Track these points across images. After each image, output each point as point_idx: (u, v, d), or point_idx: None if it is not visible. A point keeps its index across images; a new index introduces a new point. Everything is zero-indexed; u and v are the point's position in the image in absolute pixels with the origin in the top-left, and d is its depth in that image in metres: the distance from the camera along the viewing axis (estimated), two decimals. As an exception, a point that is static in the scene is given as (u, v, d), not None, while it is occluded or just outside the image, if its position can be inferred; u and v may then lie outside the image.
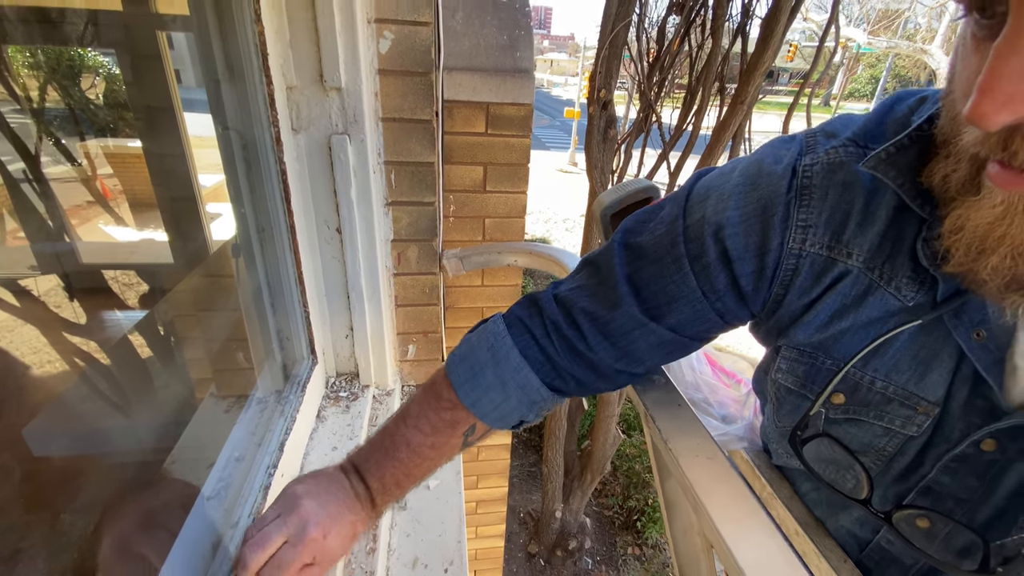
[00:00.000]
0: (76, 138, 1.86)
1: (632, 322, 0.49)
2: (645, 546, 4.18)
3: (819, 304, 0.44)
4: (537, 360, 0.53)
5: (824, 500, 0.56)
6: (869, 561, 0.52)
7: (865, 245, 0.41)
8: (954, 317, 0.39)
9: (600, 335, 0.50)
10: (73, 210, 1.69)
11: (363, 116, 0.83)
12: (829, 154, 0.42)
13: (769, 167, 0.45)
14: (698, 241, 0.46)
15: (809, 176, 0.42)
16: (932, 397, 0.41)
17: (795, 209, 0.43)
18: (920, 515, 0.44)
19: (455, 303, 1.58)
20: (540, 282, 7.36)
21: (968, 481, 0.42)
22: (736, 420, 0.61)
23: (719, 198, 0.46)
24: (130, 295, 1.54)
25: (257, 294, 0.89)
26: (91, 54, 1.80)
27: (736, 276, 0.45)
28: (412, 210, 0.97)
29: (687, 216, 0.48)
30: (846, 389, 0.45)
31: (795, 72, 31.25)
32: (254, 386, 0.92)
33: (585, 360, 0.52)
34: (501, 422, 0.55)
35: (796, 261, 0.43)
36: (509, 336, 0.53)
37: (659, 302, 0.48)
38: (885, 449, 0.45)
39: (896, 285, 0.40)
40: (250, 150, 0.79)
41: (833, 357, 0.44)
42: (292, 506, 0.52)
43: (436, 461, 0.57)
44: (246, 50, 0.72)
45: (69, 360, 1.11)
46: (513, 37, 1.27)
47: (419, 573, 0.81)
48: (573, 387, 0.54)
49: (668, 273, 0.48)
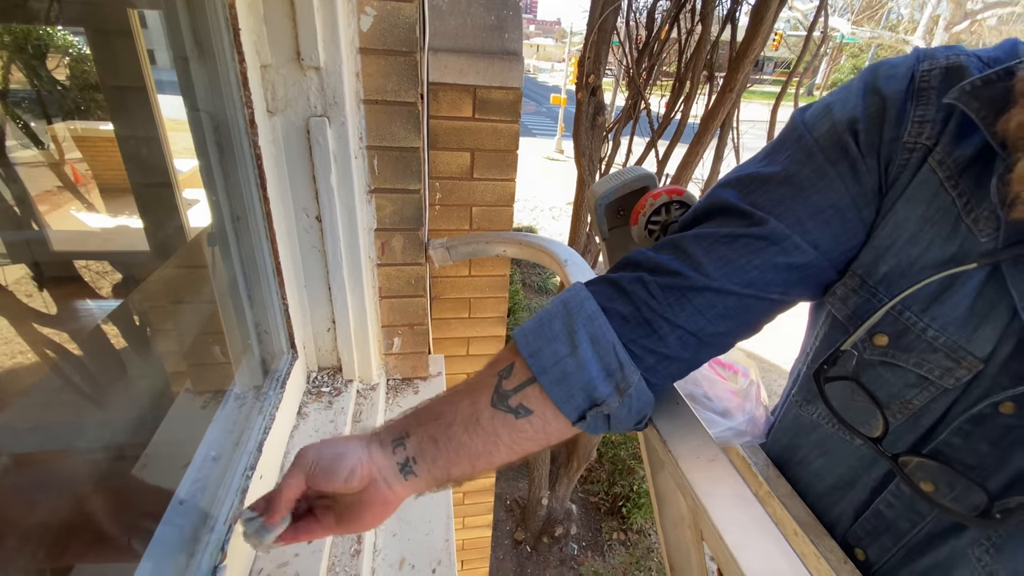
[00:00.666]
0: (43, 120, 1.78)
1: (772, 235, 0.42)
2: (630, 531, 4.24)
3: (900, 208, 0.42)
4: (619, 314, 0.44)
5: (828, 468, 0.55)
6: (861, 531, 0.51)
7: (955, 155, 0.40)
8: (1013, 266, 0.38)
9: (720, 260, 0.43)
10: (42, 196, 1.62)
11: (343, 97, 0.79)
12: (949, 59, 0.41)
13: (887, 71, 0.43)
14: (837, 144, 0.43)
15: (927, 79, 0.41)
16: (979, 353, 0.40)
17: (912, 107, 0.41)
18: (925, 476, 0.43)
19: (441, 294, 1.54)
20: (527, 271, 7.35)
21: (979, 446, 0.41)
22: (735, 414, 0.59)
23: (843, 102, 0.44)
24: (103, 284, 1.49)
25: (233, 285, 0.85)
26: (59, 32, 1.71)
27: (869, 172, 0.43)
28: (396, 198, 0.93)
29: (814, 131, 0.45)
30: (893, 332, 0.43)
31: (780, 61, 31.44)
32: (231, 381, 0.88)
33: (693, 299, 0.43)
34: (562, 387, 0.43)
35: (909, 156, 0.42)
36: (586, 288, 0.46)
37: (800, 216, 0.43)
38: (912, 401, 0.44)
39: (975, 217, 0.39)
40: (222, 133, 0.74)
41: (892, 295, 0.43)
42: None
43: (456, 405, 0.47)
44: (216, 25, 0.68)
45: (39, 352, 1.06)
46: (501, 17, 1.23)
47: (406, 574, 0.79)
48: (664, 347, 0.44)
49: (811, 183, 0.43)
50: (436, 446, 0.46)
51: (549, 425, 0.45)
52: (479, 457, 0.46)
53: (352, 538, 0.76)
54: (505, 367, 0.46)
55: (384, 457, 0.47)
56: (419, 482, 0.47)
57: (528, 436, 0.46)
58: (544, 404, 0.44)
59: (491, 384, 0.46)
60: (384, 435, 0.48)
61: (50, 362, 1.05)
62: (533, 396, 0.45)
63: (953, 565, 0.44)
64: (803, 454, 0.58)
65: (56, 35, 1.70)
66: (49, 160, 1.73)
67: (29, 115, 1.66)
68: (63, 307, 1.28)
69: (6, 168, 1.40)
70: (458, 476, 0.47)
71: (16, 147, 1.56)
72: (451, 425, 0.46)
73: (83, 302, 1.44)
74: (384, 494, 0.47)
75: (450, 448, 0.46)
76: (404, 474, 0.47)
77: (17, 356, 1.00)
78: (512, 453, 0.47)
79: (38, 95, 1.74)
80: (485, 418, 0.45)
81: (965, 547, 0.43)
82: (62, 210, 1.75)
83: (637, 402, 0.45)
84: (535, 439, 0.46)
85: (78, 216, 1.79)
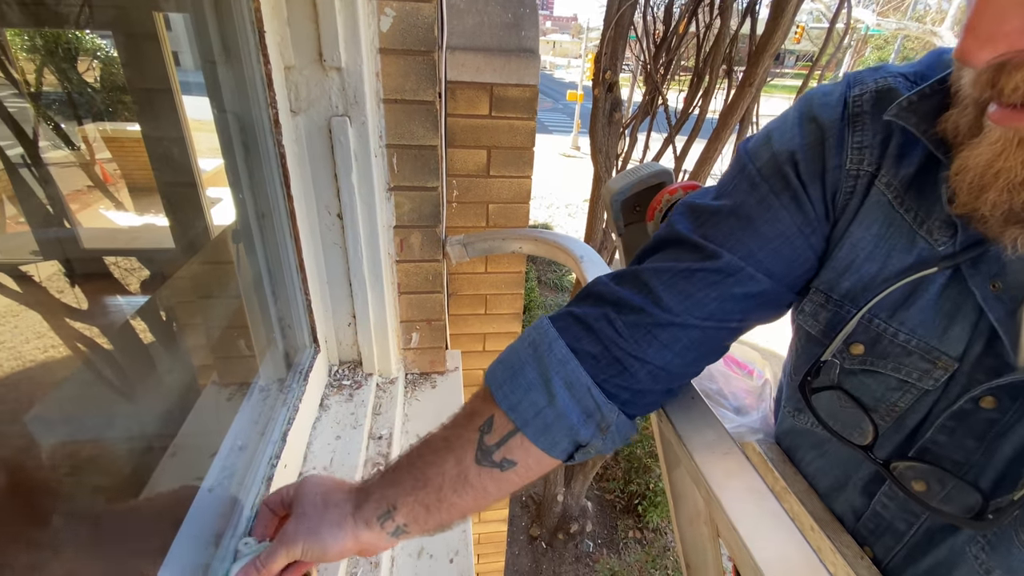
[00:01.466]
0: (74, 122, 1.84)
1: (727, 268, 0.43)
2: (646, 529, 4.22)
3: (855, 230, 0.43)
4: (589, 354, 0.44)
5: (826, 469, 0.55)
6: (864, 530, 0.52)
7: (899, 175, 0.41)
8: (971, 267, 0.39)
9: (680, 294, 0.44)
10: (73, 195, 1.68)
11: (364, 97, 0.80)
12: (878, 83, 0.43)
13: (820, 101, 0.45)
14: (778, 175, 0.45)
15: (859, 104, 0.43)
16: (953, 352, 0.41)
17: (849, 134, 0.43)
18: (917, 476, 0.44)
19: (458, 290, 1.56)
20: (543, 269, 7.34)
21: (965, 442, 0.42)
22: (750, 411, 0.60)
23: (782, 133, 0.46)
24: (132, 280, 1.53)
25: (258, 281, 0.87)
26: (88, 36, 1.77)
27: (812, 202, 0.45)
28: (415, 195, 0.95)
29: (756, 161, 0.46)
30: (867, 340, 0.45)
31: (802, 55, 30.76)
32: (256, 374, 0.91)
33: (659, 335, 0.43)
34: (546, 436, 0.44)
35: (854, 183, 0.43)
36: (554, 328, 0.46)
37: (751, 248, 0.44)
38: (897, 404, 0.45)
39: (928, 228, 0.41)
40: (248, 133, 0.77)
41: (859, 306, 0.44)
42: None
43: (441, 467, 0.47)
44: (242, 29, 0.70)
45: (71, 346, 1.11)
46: (517, 15, 1.23)
47: (424, 563, 0.81)
48: (636, 383, 0.44)
49: (758, 214, 0.44)
50: (428, 511, 0.47)
51: (532, 470, 0.47)
52: (470, 509, 0.48)
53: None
54: (484, 421, 0.47)
55: (372, 534, 0.48)
56: (411, 536, 0.49)
57: (514, 482, 0.47)
58: (527, 453, 0.46)
59: (473, 440, 0.47)
60: (369, 512, 0.48)
61: (82, 356, 1.09)
62: (516, 447, 0.45)
63: (954, 564, 0.44)
64: (802, 455, 0.59)
65: (85, 38, 1.75)
66: (80, 160, 1.79)
67: (61, 116, 1.72)
68: (94, 302, 1.33)
69: (39, 168, 1.46)
70: (448, 526, 0.49)
71: (48, 147, 1.62)
72: (440, 489, 0.47)
73: (113, 298, 1.48)
74: (375, 550, 0.50)
75: (442, 510, 0.47)
76: (396, 536, 0.49)
77: (50, 350, 1.04)
78: (501, 496, 0.48)
79: (69, 97, 1.80)
80: (472, 475, 0.46)
81: (963, 545, 0.43)
82: (92, 208, 1.81)
83: (619, 433, 0.46)
84: (522, 482, 0.48)
85: (107, 214, 1.85)
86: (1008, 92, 0.30)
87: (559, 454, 0.45)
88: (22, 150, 1.41)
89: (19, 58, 1.47)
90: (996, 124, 0.32)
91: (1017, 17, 0.27)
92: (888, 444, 0.46)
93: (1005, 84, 0.30)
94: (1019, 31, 0.27)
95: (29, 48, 1.57)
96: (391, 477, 0.50)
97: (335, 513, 0.48)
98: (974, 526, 0.41)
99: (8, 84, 1.41)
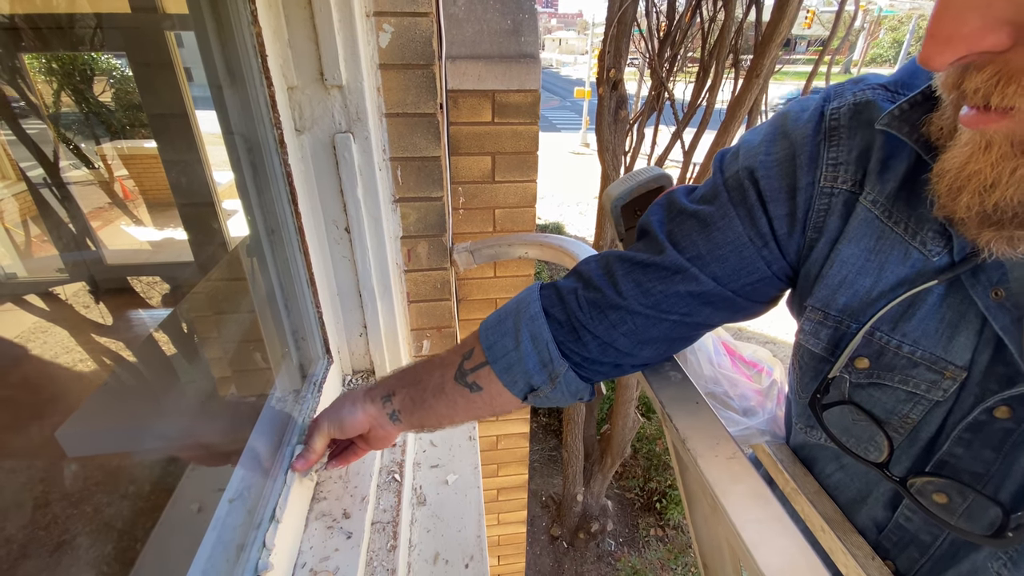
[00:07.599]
0: (92, 141, 1.89)
1: (673, 266, 0.48)
2: (667, 527, 4.20)
3: (844, 248, 0.43)
4: (556, 318, 0.53)
5: (846, 482, 0.55)
6: (888, 543, 0.51)
7: (885, 190, 0.41)
8: (971, 276, 0.39)
9: (633, 283, 0.50)
10: (94, 212, 1.73)
11: (366, 113, 0.82)
12: (856, 95, 0.43)
13: (796, 115, 0.46)
14: (739, 188, 0.47)
15: (837, 118, 0.43)
16: (959, 361, 0.40)
17: (824, 149, 0.43)
18: (936, 489, 0.43)
19: (468, 295, 1.57)
20: (555, 270, 7.33)
21: (983, 453, 0.41)
22: (758, 413, 0.60)
23: (749, 148, 0.48)
24: (153, 295, 1.57)
25: (271, 294, 0.90)
26: (103, 57, 1.82)
27: (771, 218, 0.46)
28: (420, 206, 0.96)
29: (724, 172, 0.49)
30: (871, 354, 0.44)
31: (813, 39, 30.16)
32: (272, 386, 0.93)
33: (609, 315, 0.50)
34: (508, 374, 0.55)
35: (829, 200, 0.44)
36: (537, 292, 0.56)
37: (701, 251, 0.48)
38: (909, 416, 0.44)
39: (921, 239, 0.40)
40: (255, 153, 0.79)
41: (860, 322, 0.44)
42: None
43: (431, 375, 0.59)
44: (244, 53, 0.71)
45: (97, 360, 1.14)
46: (517, 21, 1.24)
47: (440, 568, 0.82)
48: (586, 351, 0.52)
49: (713, 221, 0.48)
50: (413, 405, 0.61)
51: (495, 400, 0.57)
52: (444, 417, 0.60)
53: (388, 535, 0.79)
54: (468, 350, 0.58)
55: (377, 410, 0.63)
56: (404, 426, 0.63)
57: (479, 406, 0.58)
58: (491, 383, 0.56)
59: (456, 362, 0.58)
60: (376, 392, 0.64)
61: (107, 369, 1.13)
62: (484, 376, 0.56)
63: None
64: (821, 467, 0.58)
65: (99, 59, 1.80)
66: (99, 179, 1.84)
67: (80, 136, 1.77)
68: (117, 317, 1.37)
69: (61, 188, 1.50)
70: (430, 427, 0.63)
71: (69, 167, 1.67)
72: (425, 390, 0.60)
73: (135, 312, 1.53)
74: (383, 432, 0.64)
75: (423, 408, 0.60)
76: (393, 420, 0.62)
77: (77, 364, 1.08)
78: (468, 416, 0.60)
79: (86, 117, 1.85)
80: (448, 387, 0.58)
81: (985, 560, 0.43)
82: (113, 225, 1.86)
83: (568, 388, 0.55)
84: (486, 409, 0.59)
85: (127, 230, 1.90)
86: (970, 94, 0.30)
87: (517, 392, 0.55)
88: (43, 172, 1.46)
89: (37, 81, 1.52)
90: (965, 127, 0.32)
91: (975, 19, 0.27)
92: (905, 458, 0.46)
93: (967, 86, 0.30)
94: (977, 33, 0.27)
95: (46, 71, 1.62)
96: (398, 373, 0.65)
97: (351, 397, 0.65)
98: (994, 544, 0.41)
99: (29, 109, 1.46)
